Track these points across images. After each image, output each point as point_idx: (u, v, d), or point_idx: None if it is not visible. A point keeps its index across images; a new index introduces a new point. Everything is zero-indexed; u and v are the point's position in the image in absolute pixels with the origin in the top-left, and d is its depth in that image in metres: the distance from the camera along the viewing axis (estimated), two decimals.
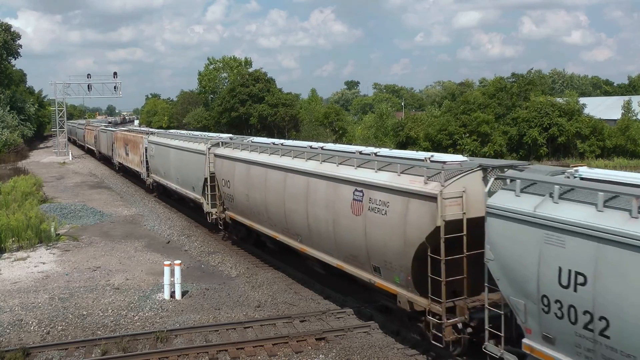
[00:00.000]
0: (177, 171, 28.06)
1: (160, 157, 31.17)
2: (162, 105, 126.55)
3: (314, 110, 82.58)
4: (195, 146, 25.16)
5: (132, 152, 38.83)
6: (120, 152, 44.21)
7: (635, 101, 61.72)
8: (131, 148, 39.14)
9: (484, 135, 56.40)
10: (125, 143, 41.52)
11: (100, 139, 56.65)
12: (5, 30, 72.66)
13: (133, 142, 38.43)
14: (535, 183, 9.30)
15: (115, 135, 46.77)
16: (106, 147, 52.51)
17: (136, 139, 37.44)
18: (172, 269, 16.34)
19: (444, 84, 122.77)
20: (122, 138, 43.49)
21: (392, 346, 12.76)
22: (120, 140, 44.05)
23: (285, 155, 17.03)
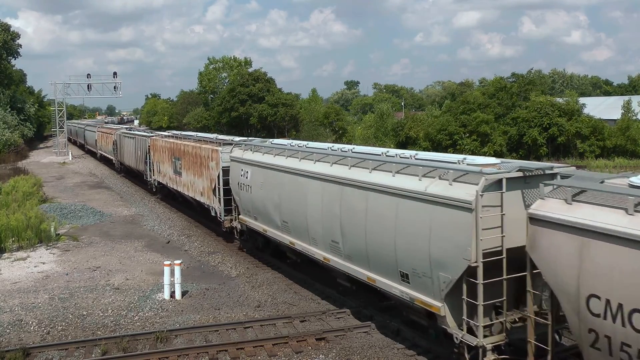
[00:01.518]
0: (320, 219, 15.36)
1: (269, 189, 17.80)
2: (162, 105, 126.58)
3: (314, 110, 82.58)
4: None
5: (193, 172, 25.34)
6: (164, 169, 31.02)
7: (635, 101, 61.67)
8: (190, 166, 25.75)
9: (484, 135, 56.36)
10: (175, 156, 28.28)
11: (123, 146, 43.96)
12: (5, 30, 72.67)
13: (194, 157, 25.08)
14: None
15: (153, 144, 33.26)
16: (134, 157, 39.15)
17: (202, 152, 23.96)
18: (172, 269, 16.34)
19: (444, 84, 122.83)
20: (167, 148, 29.94)
21: (392, 346, 12.77)
22: (165, 151, 30.49)
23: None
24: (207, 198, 23.40)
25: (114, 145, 48.34)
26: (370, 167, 13.08)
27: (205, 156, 23.38)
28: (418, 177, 11.56)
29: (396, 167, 12.39)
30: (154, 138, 33.92)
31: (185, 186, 26.81)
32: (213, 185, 22.25)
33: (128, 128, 54.64)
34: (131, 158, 40.41)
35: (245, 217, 19.84)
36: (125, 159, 43.48)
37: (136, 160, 38.33)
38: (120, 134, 46.13)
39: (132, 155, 40.12)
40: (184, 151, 26.69)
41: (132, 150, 39.88)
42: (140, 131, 49.12)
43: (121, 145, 44.94)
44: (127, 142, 41.80)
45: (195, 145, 25.23)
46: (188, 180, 26.16)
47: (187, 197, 27.34)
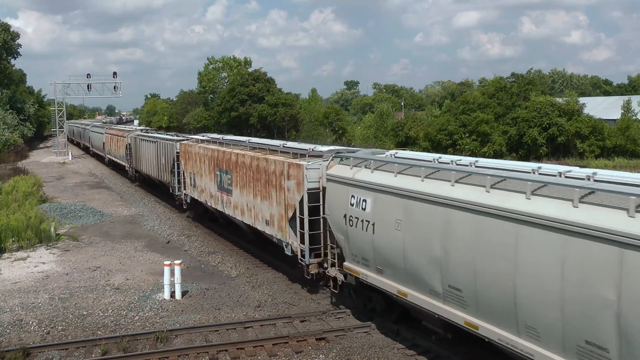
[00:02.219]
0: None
1: (418, 232, 11.87)
2: (162, 105, 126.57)
3: (313, 110, 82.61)
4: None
5: (253, 192, 18.97)
6: (201, 183, 24.14)
7: (635, 101, 61.74)
8: (248, 183, 19.31)
9: (484, 135, 56.42)
10: (221, 168, 21.58)
11: (141, 151, 36.34)
12: (5, 30, 72.67)
13: (256, 172, 18.63)
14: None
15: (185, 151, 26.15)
16: (156, 166, 32.20)
17: (271, 166, 17.54)
18: (172, 268, 16.35)
19: (444, 84, 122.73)
20: (208, 157, 23.04)
21: (392, 346, 12.77)
22: (203, 160, 23.72)
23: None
24: (278, 230, 17.06)
25: (127, 150, 41.20)
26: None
27: (278, 172, 16.85)
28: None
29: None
30: (186, 143, 26.61)
31: (238, 209, 20.12)
32: (290, 213, 16.16)
33: (144, 129, 46.33)
34: (151, 166, 33.57)
35: (357, 266, 13.73)
36: (142, 167, 36.29)
37: (159, 170, 31.55)
38: (135, 136, 38.79)
39: (152, 163, 33.26)
40: (237, 162, 19.95)
41: (152, 156, 33.08)
42: (162, 133, 40.14)
43: (137, 150, 37.55)
44: (146, 146, 34.75)
45: (257, 157, 18.46)
46: (243, 202, 19.57)
47: (238, 223, 21.03)
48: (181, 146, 27.04)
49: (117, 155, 46.75)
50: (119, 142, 45.40)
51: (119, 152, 45.49)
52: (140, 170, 37.94)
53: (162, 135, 35.13)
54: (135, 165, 39.02)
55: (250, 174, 18.86)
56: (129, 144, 40.48)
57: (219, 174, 21.84)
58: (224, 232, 24.45)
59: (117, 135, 47.35)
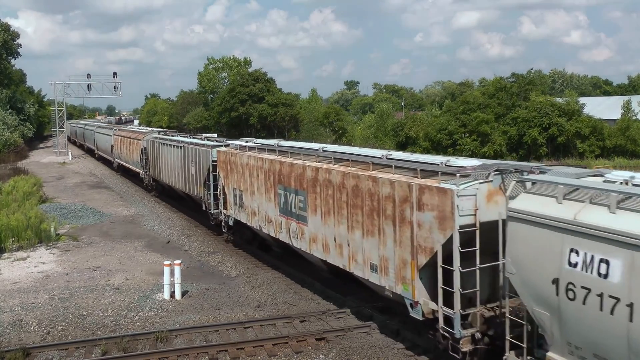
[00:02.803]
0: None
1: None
2: (162, 105, 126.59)
3: (314, 110, 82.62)
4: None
5: (348, 222, 14.04)
6: (251, 203, 19.23)
7: (635, 101, 61.71)
8: (337, 209, 14.40)
9: (484, 135, 56.44)
10: (285, 185, 16.81)
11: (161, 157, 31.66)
12: (5, 30, 72.67)
13: (353, 195, 13.71)
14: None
15: (226, 160, 21.27)
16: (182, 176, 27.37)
17: (380, 189, 12.68)
18: (172, 269, 16.35)
19: (444, 84, 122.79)
20: (264, 170, 18.10)
21: (392, 346, 12.77)
22: (255, 173, 18.77)
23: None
24: (397, 281, 12.16)
25: (142, 155, 36.30)
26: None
27: (398, 197, 12.00)
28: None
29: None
30: (226, 151, 21.46)
31: (317, 243, 15.23)
32: (424, 259, 11.36)
33: (163, 132, 39.53)
34: (176, 176, 28.52)
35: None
36: (162, 176, 31.44)
37: (186, 181, 26.61)
38: (153, 140, 33.89)
39: (177, 172, 28.25)
40: (315, 179, 15.05)
41: (177, 164, 28.14)
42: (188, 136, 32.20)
43: (156, 156, 32.70)
44: (169, 152, 29.68)
45: (356, 174, 13.40)
46: (327, 234, 14.64)
47: (312, 259, 16.25)
48: (219, 154, 21.87)
49: (129, 160, 41.50)
50: (131, 145, 40.10)
51: (131, 156, 40.26)
52: (159, 180, 32.96)
53: (190, 140, 28.39)
54: (153, 173, 34.03)
55: (342, 198, 13.87)
56: (145, 148, 35.84)
57: (282, 193, 16.94)
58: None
59: (129, 137, 41.65)
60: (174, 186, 29.54)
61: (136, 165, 38.67)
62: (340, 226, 14.07)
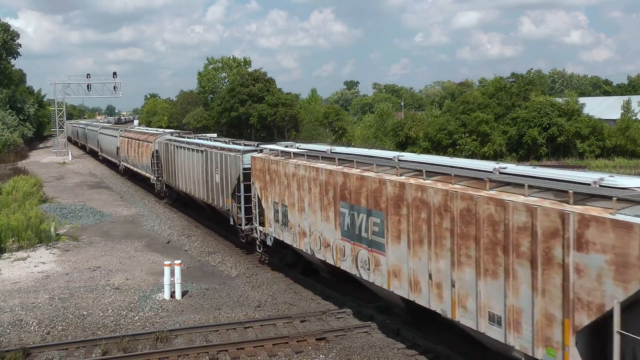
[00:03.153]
0: None
1: None
2: (161, 105, 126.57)
3: (313, 110, 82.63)
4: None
5: (453, 256, 10.99)
6: (299, 221, 16.34)
7: (635, 101, 61.74)
8: (434, 237, 11.42)
9: (484, 135, 56.46)
10: (352, 202, 13.90)
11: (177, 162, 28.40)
12: (5, 30, 72.68)
13: (464, 220, 10.63)
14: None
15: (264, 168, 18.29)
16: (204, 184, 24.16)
17: (536, 220, 9.12)
18: (172, 269, 16.35)
19: (444, 84, 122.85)
20: (318, 182, 15.20)
21: (392, 346, 12.77)
22: (305, 185, 15.84)
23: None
24: (538, 343, 9.21)
25: (154, 159, 33.07)
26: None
27: (541, 231, 9.10)
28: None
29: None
30: (263, 157, 18.22)
31: (400, 279, 12.44)
32: (585, 318, 8.46)
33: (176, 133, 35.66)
34: (195, 184, 25.43)
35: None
36: (179, 183, 28.34)
37: (209, 190, 23.36)
38: (166, 142, 30.83)
39: (197, 180, 25.15)
40: (398, 197, 12.28)
41: (197, 171, 25.02)
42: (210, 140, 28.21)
43: (171, 160, 29.54)
44: (187, 157, 26.70)
45: (458, 192, 10.78)
46: (418, 268, 11.88)
47: (395, 301, 13.38)
48: (255, 161, 18.78)
49: (137, 164, 38.13)
50: (141, 148, 36.77)
51: (140, 160, 37.06)
52: (174, 187, 29.85)
53: (214, 143, 24.96)
54: (167, 179, 30.99)
55: (443, 223, 11.02)
56: (157, 151, 32.56)
57: (347, 212, 13.97)
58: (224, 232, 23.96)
59: (137, 139, 38.10)
60: (192, 195, 26.61)
61: (146, 170, 35.50)
62: (439, 260, 11.17)
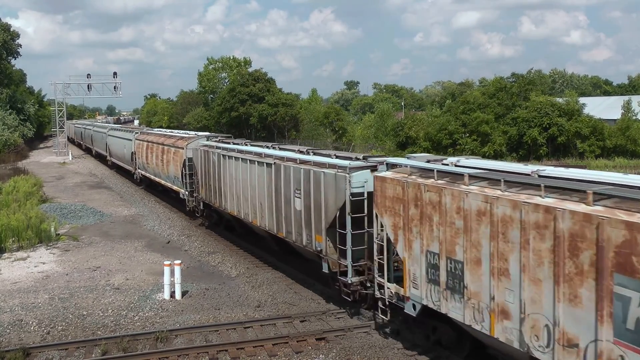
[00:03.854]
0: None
1: None
2: (162, 105, 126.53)
3: (314, 110, 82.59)
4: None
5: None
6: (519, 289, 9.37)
7: (635, 101, 61.73)
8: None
9: (484, 135, 56.44)
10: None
11: (226, 176, 21.64)
12: (5, 30, 72.66)
13: None
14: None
15: (410, 192, 11.68)
16: (293, 217, 16.60)
17: None
18: (172, 269, 16.35)
19: (444, 84, 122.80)
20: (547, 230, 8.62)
21: (392, 346, 12.77)
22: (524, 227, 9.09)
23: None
24: None
25: (184, 169, 26.23)
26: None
27: None
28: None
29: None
30: (396, 179, 12.37)
31: None
32: None
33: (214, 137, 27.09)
34: (255, 208, 19.19)
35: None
36: (226, 203, 21.80)
37: (283, 220, 17.28)
38: (205, 150, 23.63)
39: (259, 203, 18.84)
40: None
41: (259, 190, 18.77)
42: (269, 147, 20.66)
43: (213, 174, 22.74)
44: (240, 170, 20.20)
45: None
46: None
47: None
48: (381, 183, 12.72)
49: (160, 173, 31.11)
50: (166, 154, 29.37)
51: (165, 169, 29.95)
52: (217, 207, 22.94)
53: (290, 154, 17.75)
54: (206, 197, 23.72)
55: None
56: (190, 160, 25.63)
57: (634, 295, 7.60)
58: (223, 232, 24.10)
59: (162, 144, 30.63)
60: (248, 222, 19.98)
61: (173, 182, 28.42)
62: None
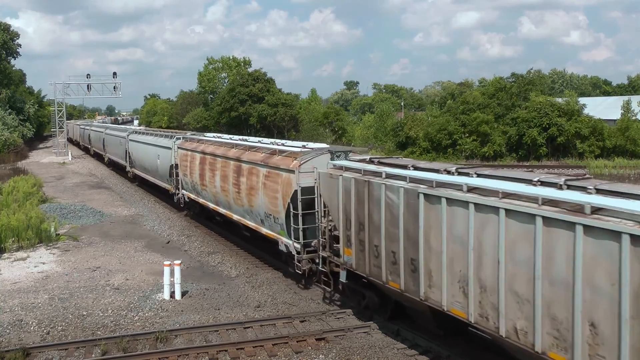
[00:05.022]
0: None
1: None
2: (161, 105, 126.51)
3: (313, 111, 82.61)
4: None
5: None
6: None
7: (635, 101, 61.74)
8: None
9: (484, 135, 56.46)
10: None
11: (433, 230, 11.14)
12: (5, 30, 72.65)
13: None
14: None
15: None
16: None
17: None
18: (172, 269, 16.35)
19: (444, 84, 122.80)
20: None
21: (392, 346, 12.77)
22: None
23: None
24: None
25: (297, 205, 16.26)
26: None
27: None
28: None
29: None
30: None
31: None
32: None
33: (345, 152, 16.74)
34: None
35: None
36: (437, 289, 11.19)
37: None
38: (364, 176, 13.27)
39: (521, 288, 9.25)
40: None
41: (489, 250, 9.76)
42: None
43: (385, 224, 12.58)
44: (459, 221, 10.50)
45: None
46: None
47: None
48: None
49: (233, 205, 20.83)
50: (250, 177, 19.24)
51: (244, 200, 19.77)
52: (386, 288, 13.10)
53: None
54: (367, 268, 13.44)
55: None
56: (313, 188, 16.18)
57: None
58: (225, 232, 24.14)
59: (236, 159, 20.44)
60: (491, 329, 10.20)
61: (271, 225, 18.06)
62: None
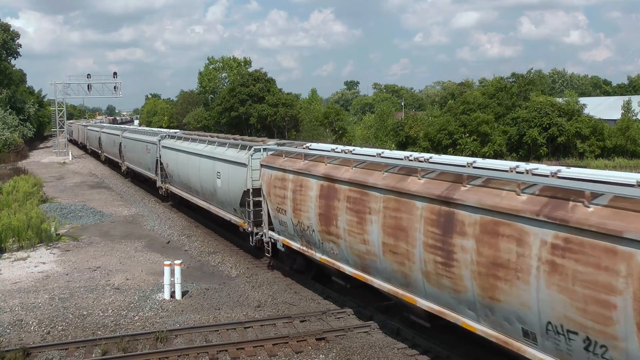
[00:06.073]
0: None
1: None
2: (162, 105, 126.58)
3: (314, 110, 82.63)
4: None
5: None
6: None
7: (635, 101, 61.76)
8: None
9: (484, 135, 56.47)
10: None
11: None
12: (5, 30, 72.69)
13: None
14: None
15: None
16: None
17: None
18: (172, 269, 16.34)
19: (444, 84, 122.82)
20: None
21: (392, 346, 12.76)
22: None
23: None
24: None
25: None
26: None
27: None
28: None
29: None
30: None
31: None
32: None
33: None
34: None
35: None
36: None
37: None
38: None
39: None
40: None
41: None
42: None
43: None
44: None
45: None
46: None
47: None
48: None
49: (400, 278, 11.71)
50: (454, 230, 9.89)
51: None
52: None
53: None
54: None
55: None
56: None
57: None
58: (225, 233, 24.22)
59: (431, 198, 10.51)
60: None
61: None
62: None
